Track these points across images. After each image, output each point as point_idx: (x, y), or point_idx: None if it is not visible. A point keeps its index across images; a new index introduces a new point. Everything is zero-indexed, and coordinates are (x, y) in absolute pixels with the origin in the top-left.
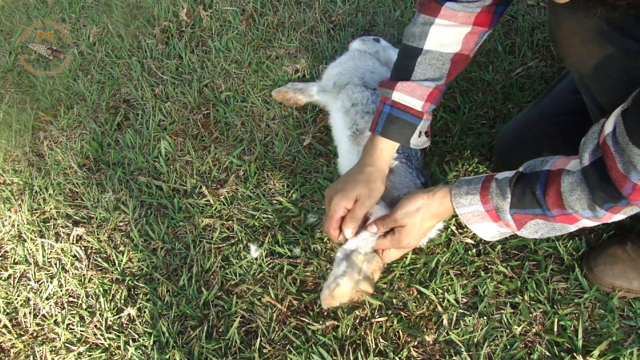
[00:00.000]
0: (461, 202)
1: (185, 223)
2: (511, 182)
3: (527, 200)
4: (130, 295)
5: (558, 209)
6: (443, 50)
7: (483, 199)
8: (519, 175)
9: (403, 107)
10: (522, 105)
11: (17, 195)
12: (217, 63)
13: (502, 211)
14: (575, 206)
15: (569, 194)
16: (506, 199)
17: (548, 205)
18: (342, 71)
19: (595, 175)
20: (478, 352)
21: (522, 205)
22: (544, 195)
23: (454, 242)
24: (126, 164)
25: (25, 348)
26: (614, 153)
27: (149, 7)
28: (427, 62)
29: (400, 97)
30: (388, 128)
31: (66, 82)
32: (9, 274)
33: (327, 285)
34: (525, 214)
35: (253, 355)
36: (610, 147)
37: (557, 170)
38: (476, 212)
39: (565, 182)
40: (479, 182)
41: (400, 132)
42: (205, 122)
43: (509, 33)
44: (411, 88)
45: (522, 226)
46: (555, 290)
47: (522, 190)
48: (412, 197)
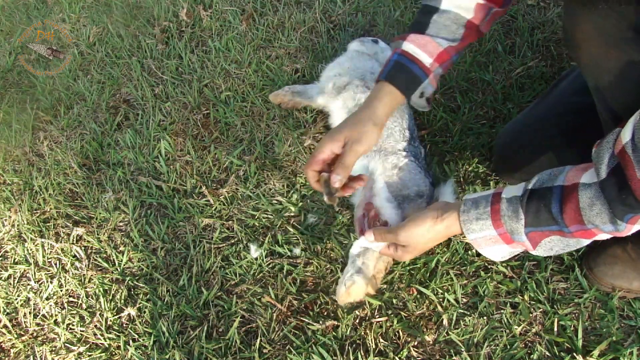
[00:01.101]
0: (472, 228)
1: (185, 223)
2: (522, 200)
3: (543, 218)
4: (130, 295)
5: (576, 225)
6: (459, 12)
7: (495, 223)
8: (530, 192)
9: (411, 57)
10: (522, 105)
11: (17, 195)
12: (217, 63)
13: (517, 233)
14: (595, 221)
15: (589, 210)
16: (520, 221)
17: (566, 222)
18: (341, 72)
19: (614, 186)
20: (478, 352)
21: (537, 224)
22: (561, 213)
23: (454, 242)
24: (126, 164)
25: (25, 348)
26: (634, 161)
27: (149, 7)
28: (443, 21)
29: (410, 47)
30: (394, 75)
31: (66, 82)
32: (9, 274)
33: (342, 282)
34: (542, 232)
35: (253, 355)
36: (630, 155)
37: (572, 185)
38: (488, 236)
39: (583, 198)
40: (487, 204)
41: (404, 82)
42: (205, 122)
43: (509, 33)
44: (424, 41)
45: (537, 244)
46: (555, 290)
47: (536, 209)
48: (418, 220)
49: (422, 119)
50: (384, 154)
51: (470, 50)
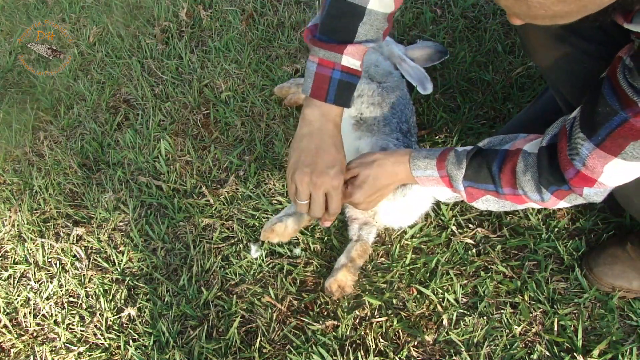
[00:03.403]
0: (418, 164)
1: (185, 223)
2: (468, 154)
3: (482, 175)
4: (130, 295)
5: (509, 187)
6: (384, 11)
7: (439, 165)
8: (477, 149)
9: (353, 72)
10: (522, 105)
11: (17, 195)
12: (217, 63)
13: (455, 180)
14: (525, 187)
15: (522, 175)
16: (461, 169)
17: (501, 183)
18: None
19: (547, 156)
20: (478, 352)
21: (476, 179)
22: (499, 173)
23: (454, 242)
24: (126, 164)
25: (25, 348)
26: (568, 136)
27: (149, 7)
28: (370, 23)
29: (349, 61)
30: (342, 95)
31: (66, 82)
32: (9, 274)
33: (271, 220)
34: (478, 189)
35: (253, 355)
36: (567, 130)
37: (515, 150)
38: (431, 176)
39: (520, 163)
40: (438, 151)
41: (349, 97)
42: (205, 122)
43: (509, 33)
44: (357, 50)
45: (474, 199)
46: (555, 290)
47: (478, 165)
48: (370, 152)
49: (422, 119)
50: (376, 139)
51: (470, 50)
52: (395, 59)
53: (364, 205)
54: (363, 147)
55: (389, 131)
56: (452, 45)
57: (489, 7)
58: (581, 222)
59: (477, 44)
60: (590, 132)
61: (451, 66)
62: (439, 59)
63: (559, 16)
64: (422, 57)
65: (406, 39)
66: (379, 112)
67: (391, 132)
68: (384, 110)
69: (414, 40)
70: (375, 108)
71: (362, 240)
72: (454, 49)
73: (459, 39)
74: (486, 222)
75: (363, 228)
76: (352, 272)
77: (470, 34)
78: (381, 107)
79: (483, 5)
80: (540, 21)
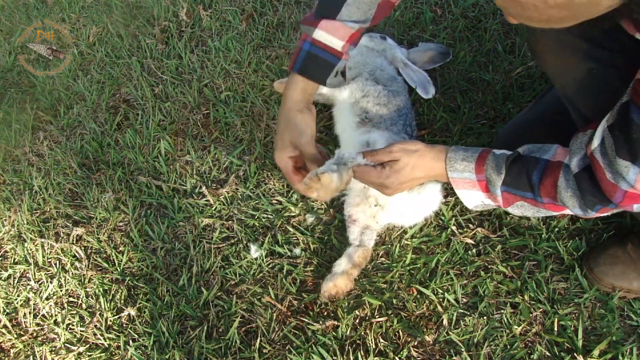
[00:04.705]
0: (455, 166)
1: (185, 223)
2: (508, 160)
3: (522, 183)
4: (130, 295)
5: (549, 198)
6: None
7: (478, 169)
8: (517, 155)
9: (322, 46)
10: (522, 105)
11: (17, 195)
12: (217, 63)
13: (493, 185)
14: (567, 203)
15: (564, 191)
16: (500, 175)
17: (541, 192)
18: (351, 65)
19: (588, 182)
20: (478, 352)
21: (515, 186)
22: (539, 184)
23: (454, 242)
24: (126, 164)
25: (25, 348)
26: (603, 165)
27: (149, 7)
28: (356, 5)
29: (322, 35)
30: (307, 66)
31: (66, 82)
32: (9, 274)
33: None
34: (515, 195)
35: (253, 355)
36: (599, 160)
37: (557, 162)
38: (467, 179)
39: (562, 178)
40: (476, 151)
41: (317, 71)
42: (205, 122)
43: (509, 33)
44: (335, 27)
45: (509, 204)
46: (555, 290)
47: (518, 172)
48: (412, 140)
49: (422, 119)
50: (389, 134)
51: (470, 50)
52: (397, 63)
53: (391, 190)
54: (375, 138)
55: (397, 131)
56: (452, 45)
57: (489, 7)
58: (581, 222)
59: (477, 44)
60: (633, 157)
61: (451, 66)
62: (442, 61)
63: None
64: (425, 59)
65: (406, 39)
66: (385, 111)
67: (399, 132)
68: (390, 110)
69: (414, 40)
70: (381, 107)
71: (364, 247)
72: (454, 49)
73: (459, 38)
74: (486, 222)
75: (365, 233)
76: (351, 280)
77: (470, 33)
78: (387, 107)
79: (483, 5)
80: (536, 23)
